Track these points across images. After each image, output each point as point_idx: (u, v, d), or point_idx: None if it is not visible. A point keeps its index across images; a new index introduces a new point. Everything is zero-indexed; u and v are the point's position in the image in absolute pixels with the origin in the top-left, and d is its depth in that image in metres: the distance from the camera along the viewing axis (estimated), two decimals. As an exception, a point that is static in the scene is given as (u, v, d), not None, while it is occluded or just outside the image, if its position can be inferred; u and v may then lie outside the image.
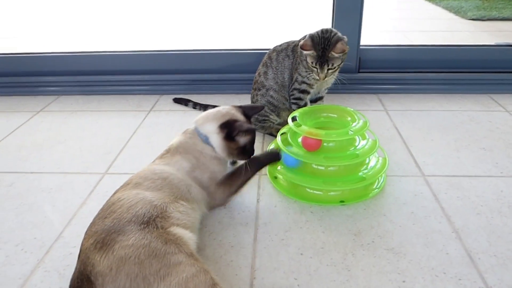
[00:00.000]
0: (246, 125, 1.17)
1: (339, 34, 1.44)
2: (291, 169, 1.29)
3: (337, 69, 1.46)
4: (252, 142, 1.20)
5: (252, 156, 1.21)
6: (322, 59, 1.43)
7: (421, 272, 0.99)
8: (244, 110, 1.24)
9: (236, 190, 1.19)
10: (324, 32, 1.44)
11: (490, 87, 1.98)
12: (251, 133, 1.19)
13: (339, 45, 1.41)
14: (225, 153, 1.18)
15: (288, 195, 1.28)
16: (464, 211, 1.19)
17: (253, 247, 1.09)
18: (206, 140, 1.17)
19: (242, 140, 1.17)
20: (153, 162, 1.18)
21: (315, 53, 1.43)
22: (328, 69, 1.44)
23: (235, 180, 1.18)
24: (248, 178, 1.19)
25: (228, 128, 1.15)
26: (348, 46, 1.44)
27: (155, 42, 3.48)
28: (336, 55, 1.42)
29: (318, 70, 1.44)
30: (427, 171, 1.38)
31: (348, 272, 1.00)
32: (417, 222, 1.15)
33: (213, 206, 1.19)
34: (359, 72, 2.01)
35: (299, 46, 1.47)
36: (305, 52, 1.45)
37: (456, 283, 0.96)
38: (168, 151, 1.19)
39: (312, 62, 1.45)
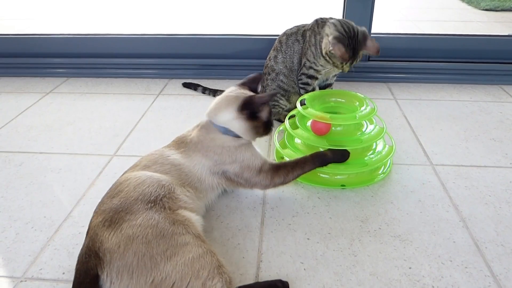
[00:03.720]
0: (265, 96, 1.10)
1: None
2: (298, 150, 1.30)
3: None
4: (270, 112, 1.15)
5: (319, 152, 1.19)
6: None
7: (427, 259, 0.99)
8: (247, 84, 1.18)
9: (290, 179, 1.15)
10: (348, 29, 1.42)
11: (501, 78, 1.96)
12: (268, 104, 1.14)
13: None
14: (250, 134, 1.12)
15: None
16: (472, 200, 1.19)
17: (260, 231, 1.10)
18: (225, 132, 1.10)
19: (264, 114, 1.12)
20: (167, 147, 1.14)
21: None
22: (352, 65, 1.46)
23: (296, 170, 1.14)
24: (308, 171, 1.16)
25: (249, 108, 1.08)
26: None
27: (166, 25, 3.47)
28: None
29: (343, 66, 1.46)
30: (436, 160, 1.38)
31: (355, 258, 1.00)
32: (425, 210, 1.15)
33: (253, 188, 1.16)
34: (369, 60, 1.99)
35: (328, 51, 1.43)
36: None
37: (462, 271, 0.96)
38: (185, 144, 1.13)
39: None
